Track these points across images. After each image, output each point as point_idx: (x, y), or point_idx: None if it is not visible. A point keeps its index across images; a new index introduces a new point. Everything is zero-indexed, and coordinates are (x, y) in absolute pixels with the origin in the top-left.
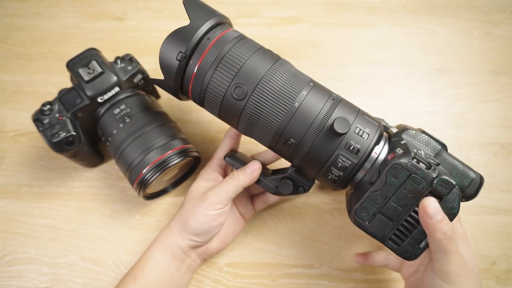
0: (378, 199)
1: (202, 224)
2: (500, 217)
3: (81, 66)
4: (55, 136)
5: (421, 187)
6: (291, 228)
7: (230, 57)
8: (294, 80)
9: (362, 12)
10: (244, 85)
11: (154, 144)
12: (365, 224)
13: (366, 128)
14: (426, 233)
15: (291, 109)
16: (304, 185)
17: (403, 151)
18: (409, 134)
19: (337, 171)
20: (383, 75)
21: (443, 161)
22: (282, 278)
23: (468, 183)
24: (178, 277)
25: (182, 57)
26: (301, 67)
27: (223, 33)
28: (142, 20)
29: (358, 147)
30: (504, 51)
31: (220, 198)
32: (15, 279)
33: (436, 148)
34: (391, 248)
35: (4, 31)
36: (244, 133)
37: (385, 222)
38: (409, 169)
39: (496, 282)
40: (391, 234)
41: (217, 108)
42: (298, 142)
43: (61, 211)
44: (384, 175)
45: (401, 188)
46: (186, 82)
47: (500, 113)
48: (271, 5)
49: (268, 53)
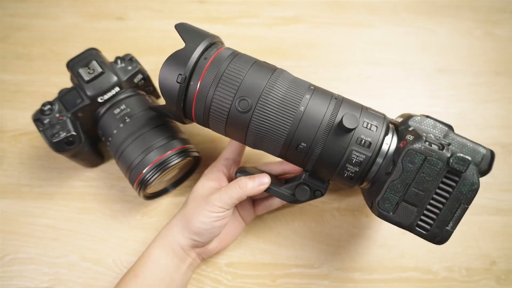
0: (399, 187)
1: (204, 224)
2: (500, 217)
3: (82, 66)
4: (56, 136)
5: (438, 168)
6: (291, 228)
7: (229, 73)
8: (295, 86)
9: (363, 12)
10: (248, 98)
11: (154, 144)
12: (389, 215)
13: (373, 121)
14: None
15: (297, 114)
16: (320, 188)
17: (413, 136)
18: (415, 120)
19: (353, 167)
20: (384, 75)
21: (453, 140)
22: (282, 278)
23: (480, 158)
24: (178, 275)
25: (182, 79)
26: (301, 67)
27: (218, 51)
28: (142, 20)
29: (369, 140)
30: (505, 51)
31: (224, 203)
32: (15, 279)
33: (443, 129)
34: (420, 235)
35: (4, 31)
36: (253, 147)
37: (409, 210)
38: (424, 152)
39: (496, 282)
40: (417, 221)
41: (223, 125)
42: (309, 145)
43: (62, 211)
44: (400, 162)
45: (419, 172)
46: (188, 103)
47: (500, 114)
48: (272, 5)
49: (264, 64)
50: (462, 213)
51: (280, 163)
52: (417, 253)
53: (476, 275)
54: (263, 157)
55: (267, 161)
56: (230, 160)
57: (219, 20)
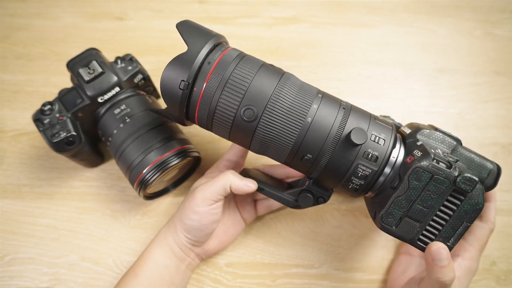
0: (403, 203)
1: (192, 221)
2: (500, 217)
3: (82, 66)
4: (56, 136)
5: (444, 186)
6: (291, 228)
7: (235, 79)
8: (303, 94)
9: (363, 12)
10: (253, 107)
11: (154, 144)
12: (392, 229)
13: (381, 134)
14: (427, 270)
15: (304, 124)
16: (323, 195)
17: (421, 153)
18: (423, 134)
19: (358, 180)
20: (384, 75)
21: (460, 156)
22: (282, 278)
23: (486, 174)
24: (177, 275)
25: (185, 86)
26: (301, 67)
27: (223, 54)
28: (142, 20)
29: (377, 154)
30: (505, 51)
31: (206, 196)
32: (15, 279)
33: (451, 144)
34: (421, 248)
35: (4, 31)
36: (257, 153)
37: (412, 225)
38: (431, 171)
39: (496, 283)
40: (419, 235)
41: (227, 132)
42: (315, 156)
43: (62, 211)
44: (406, 179)
45: (425, 190)
46: (191, 108)
47: (500, 113)
48: (272, 5)
49: (271, 68)
50: (464, 230)
51: (284, 166)
52: None
53: (476, 275)
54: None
55: (270, 164)
56: (233, 162)
57: (219, 20)
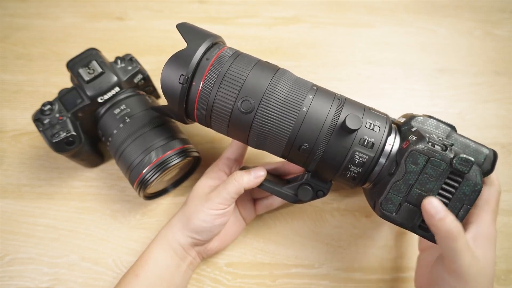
0: (401, 188)
1: (205, 222)
2: (500, 217)
3: (82, 66)
4: (56, 136)
5: (441, 168)
6: (291, 228)
7: (232, 73)
8: (297, 87)
9: (363, 12)
10: (250, 98)
11: (154, 144)
12: (392, 215)
13: (376, 122)
14: (433, 232)
15: (300, 114)
16: (322, 188)
17: (416, 137)
18: (417, 120)
19: (356, 168)
20: (384, 75)
21: (455, 141)
22: (282, 278)
23: (483, 159)
24: (178, 274)
25: (185, 80)
26: (301, 67)
27: (220, 51)
28: (142, 20)
29: (372, 140)
30: (505, 51)
31: (223, 199)
32: (15, 279)
33: (446, 130)
34: (422, 235)
35: (4, 31)
36: (256, 147)
37: (412, 210)
38: (427, 153)
39: (496, 282)
40: (420, 221)
41: (225, 125)
42: (312, 146)
43: (62, 211)
44: (403, 163)
45: (422, 173)
46: (190, 104)
47: (500, 114)
48: (271, 5)
49: (267, 64)
50: (465, 213)
51: (282, 163)
52: (417, 253)
53: None
54: (265, 156)
55: (269, 161)
56: (232, 160)
57: (219, 20)
